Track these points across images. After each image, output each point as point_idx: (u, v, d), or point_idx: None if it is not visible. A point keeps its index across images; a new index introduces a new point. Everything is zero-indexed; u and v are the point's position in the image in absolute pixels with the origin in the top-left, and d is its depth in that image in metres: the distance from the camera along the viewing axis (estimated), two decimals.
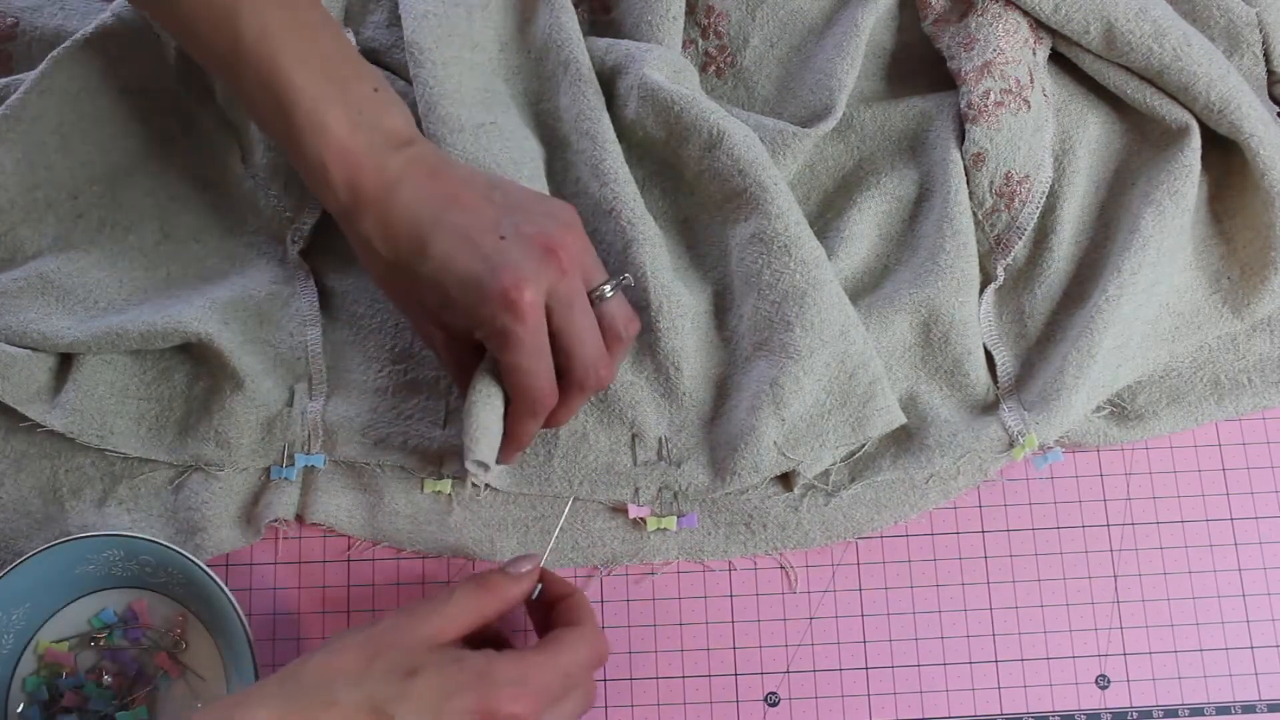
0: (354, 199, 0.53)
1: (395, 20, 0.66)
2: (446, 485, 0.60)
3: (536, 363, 0.53)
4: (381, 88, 0.55)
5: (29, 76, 0.61)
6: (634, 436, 0.60)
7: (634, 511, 0.59)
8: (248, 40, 0.52)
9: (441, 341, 0.56)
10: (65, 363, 0.60)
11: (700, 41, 0.67)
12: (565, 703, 0.50)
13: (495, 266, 0.51)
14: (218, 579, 0.55)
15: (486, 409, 0.54)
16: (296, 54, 0.53)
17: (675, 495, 0.59)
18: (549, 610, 0.54)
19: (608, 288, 0.55)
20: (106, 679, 0.57)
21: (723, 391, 0.60)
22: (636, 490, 0.59)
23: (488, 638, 0.53)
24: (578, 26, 0.64)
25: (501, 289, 0.51)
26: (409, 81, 0.63)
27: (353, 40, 0.64)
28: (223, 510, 0.59)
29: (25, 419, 0.59)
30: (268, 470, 0.60)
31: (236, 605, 0.55)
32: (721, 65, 0.67)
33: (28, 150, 0.61)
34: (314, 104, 0.53)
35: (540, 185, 0.61)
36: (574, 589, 0.55)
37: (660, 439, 0.60)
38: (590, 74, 0.62)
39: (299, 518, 0.60)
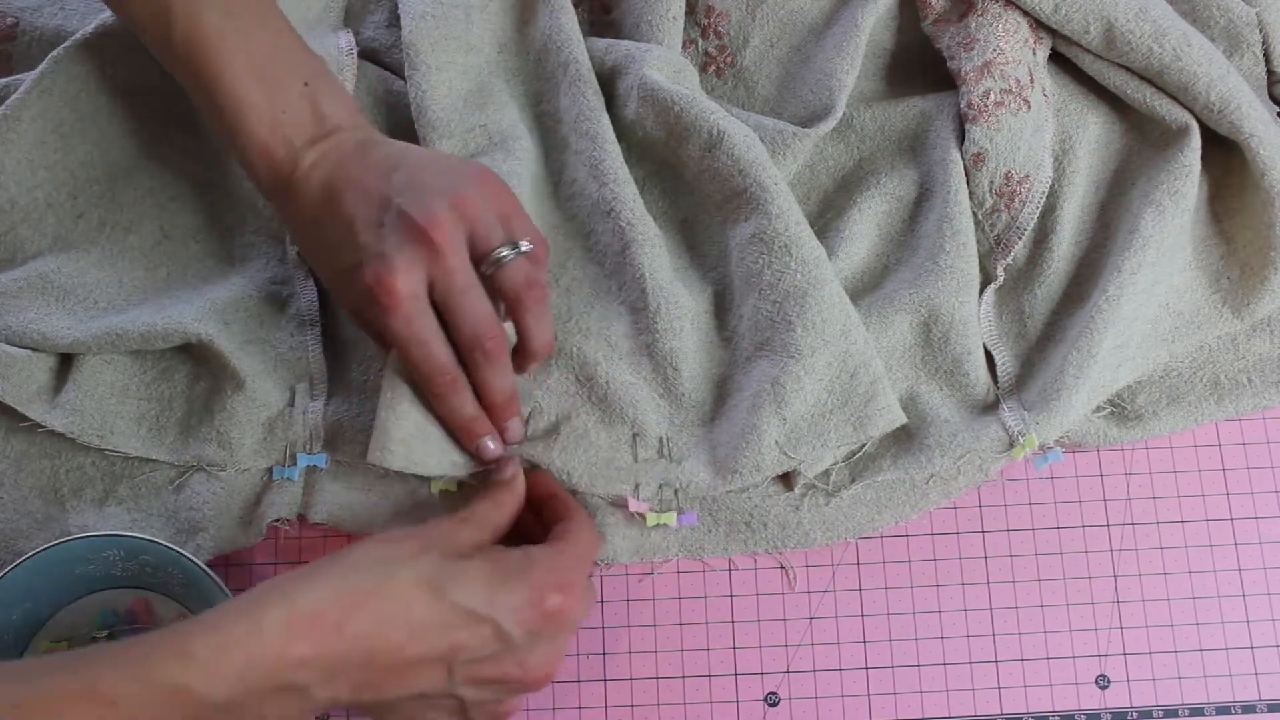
0: (273, 191, 0.55)
1: (395, 20, 0.66)
2: (454, 485, 0.60)
3: (419, 347, 0.53)
4: (314, 81, 0.56)
5: (29, 76, 0.61)
6: (635, 435, 0.60)
7: (633, 505, 0.59)
8: (177, 37, 0.54)
9: (370, 333, 0.57)
10: (65, 363, 0.60)
11: (700, 41, 0.67)
12: (589, 591, 0.52)
13: (364, 260, 0.52)
14: (218, 579, 0.55)
15: (388, 410, 0.55)
16: (225, 53, 0.54)
17: (676, 493, 0.59)
18: (541, 508, 0.57)
19: (505, 250, 0.53)
20: None
21: (723, 391, 0.60)
22: (637, 486, 0.59)
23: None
24: (577, 27, 0.64)
25: (366, 285, 0.51)
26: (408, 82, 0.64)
27: (346, 42, 0.64)
28: (224, 510, 0.59)
29: (25, 419, 0.59)
30: (269, 470, 0.60)
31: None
32: (721, 65, 0.67)
33: (28, 150, 0.61)
34: (239, 105, 0.54)
35: (530, 185, 0.61)
36: (557, 485, 0.58)
37: (661, 438, 0.60)
38: (590, 74, 0.62)
39: (301, 517, 0.60)
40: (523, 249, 0.54)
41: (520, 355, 0.56)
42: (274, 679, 0.44)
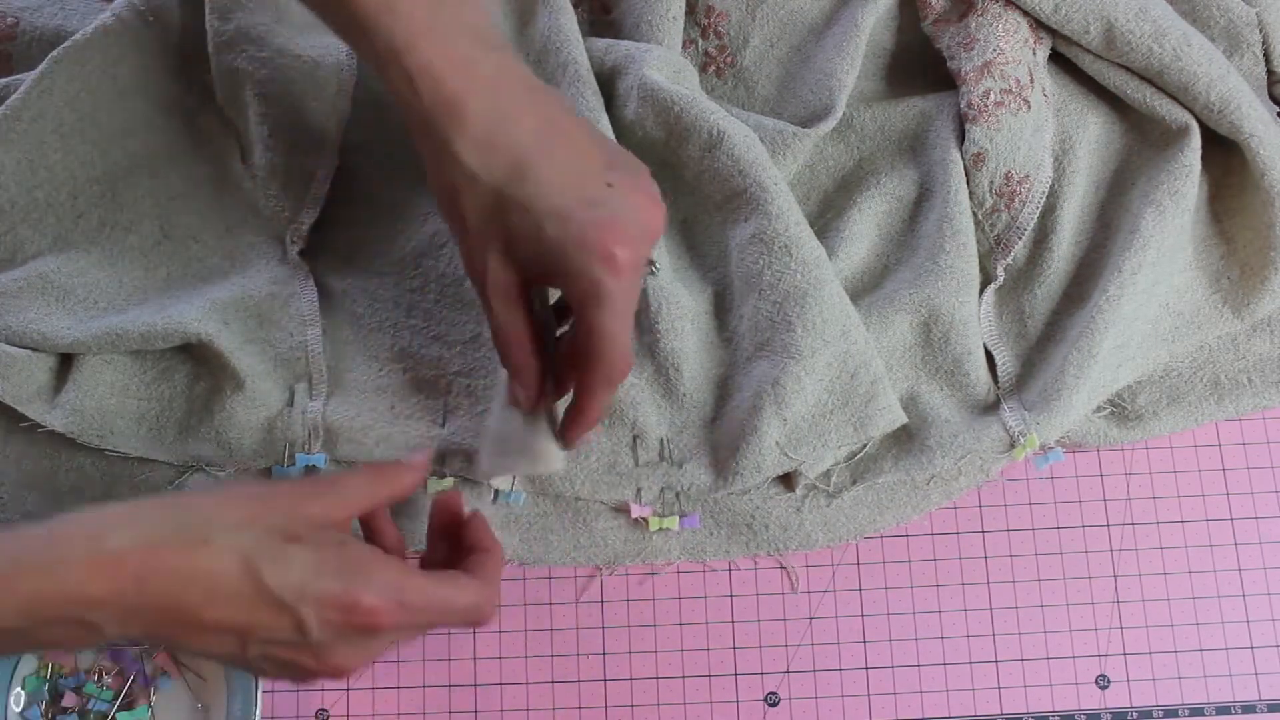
0: (439, 98, 0.47)
1: None
2: (449, 484, 0.60)
3: (622, 326, 0.48)
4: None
5: (29, 76, 0.61)
6: (635, 437, 0.60)
7: (636, 511, 0.59)
8: None
9: (494, 279, 0.50)
10: (65, 363, 0.60)
11: (700, 41, 0.67)
12: (418, 632, 0.49)
13: (600, 216, 0.46)
14: None
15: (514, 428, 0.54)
16: None
17: (677, 495, 0.59)
18: (458, 552, 0.52)
19: (653, 267, 0.53)
20: (106, 679, 0.57)
21: (724, 392, 0.60)
22: (639, 490, 0.59)
23: (388, 546, 0.52)
24: (576, 28, 0.64)
25: (603, 241, 0.46)
26: None
27: None
28: None
29: (25, 419, 0.59)
30: (269, 470, 0.60)
31: None
32: (721, 65, 0.67)
33: (28, 150, 0.61)
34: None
35: None
36: (496, 546, 0.52)
37: (662, 440, 0.60)
38: (589, 75, 0.62)
39: None
40: (656, 269, 0.54)
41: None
42: (64, 613, 0.42)
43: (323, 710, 0.59)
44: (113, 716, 0.57)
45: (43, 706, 0.57)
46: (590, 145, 0.49)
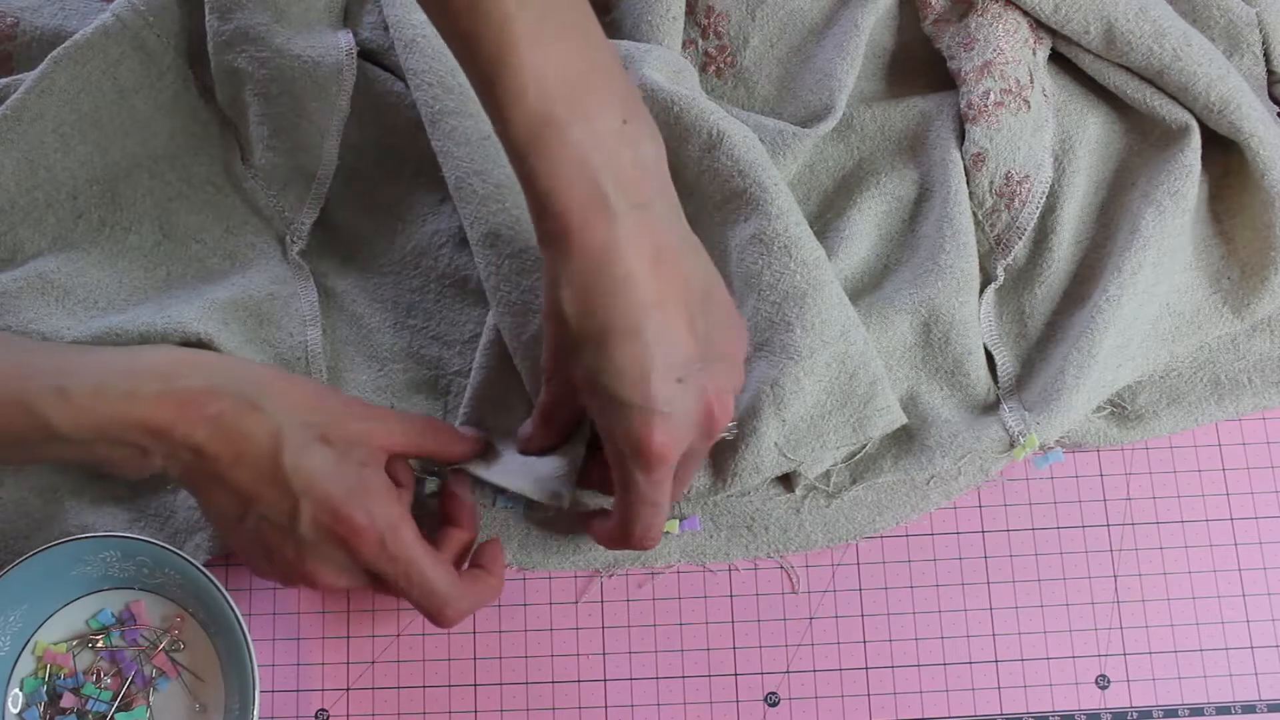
0: (562, 235, 0.47)
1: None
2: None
3: (647, 510, 0.50)
4: (632, 119, 0.48)
5: (28, 77, 0.61)
6: None
7: None
8: (491, 27, 0.46)
9: (556, 386, 0.52)
10: None
11: (700, 41, 0.67)
12: (385, 582, 0.52)
13: (653, 416, 0.47)
14: (215, 580, 0.55)
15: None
16: (535, 60, 0.46)
17: None
18: (462, 561, 0.56)
19: (726, 434, 0.55)
20: (105, 680, 0.57)
21: None
22: None
23: (460, 523, 0.56)
24: None
25: (646, 438, 0.47)
26: (407, 84, 0.64)
27: (346, 42, 0.64)
28: None
29: None
30: None
31: (234, 606, 0.55)
32: (721, 65, 0.67)
33: (27, 150, 0.61)
34: (543, 122, 0.46)
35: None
36: (498, 579, 0.56)
37: None
38: None
39: None
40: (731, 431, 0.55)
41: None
42: (128, 436, 0.49)
43: (323, 710, 0.59)
44: (111, 717, 0.57)
45: (41, 708, 0.57)
46: (684, 330, 0.48)
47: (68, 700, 0.57)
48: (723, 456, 0.58)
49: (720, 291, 0.51)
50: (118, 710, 0.57)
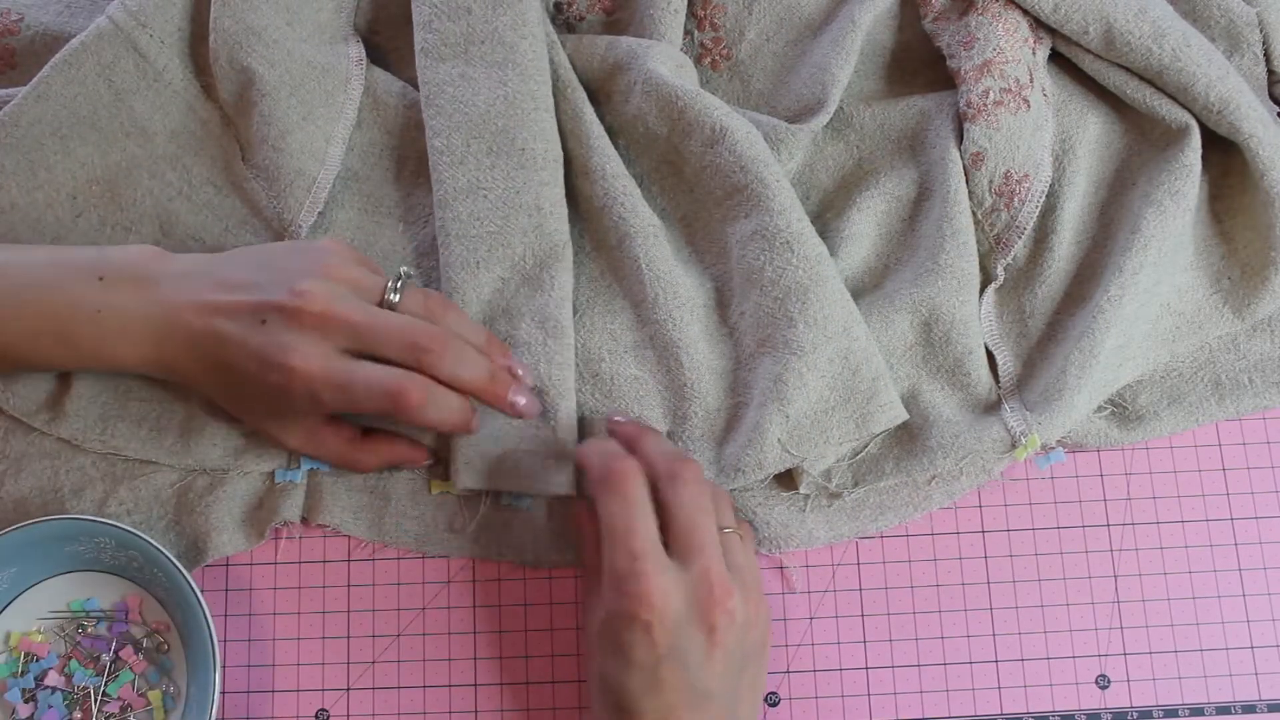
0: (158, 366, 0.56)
1: (385, 23, 0.67)
2: (453, 486, 0.60)
3: (373, 384, 0.53)
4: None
5: (29, 85, 0.61)
6: None
7: None
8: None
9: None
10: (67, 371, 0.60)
11: (696, 33, 0.67)
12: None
13: (268, 352, 0.53)
14: (195, 586, 0.55)
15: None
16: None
17: None
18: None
19: (392, 294, 0.55)
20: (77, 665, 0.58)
21: (726, 385, 0.60)
22: None
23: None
24: (552, 29, 0.64)
25: (275, 360, 0.53)
26: (408, 83, 0.64)
27: (356, 53, 0.65)
28: (225, 514, 0.59)
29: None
30: (271, 473, 0.60)
31: (209, 619, 0.55)
32: (717, 57, 0.67)
33: (27, 153, 0.61)
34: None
35: (556, 191, 0.61)
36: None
37: (667, 433, 0.60)
38: (569, 74, 0.63)
39: (304, 520, 0.60)
40: (409, 275, 0.57)
41: None
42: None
43: (323, 710, 0.59)
44: (102, 690, 0.57)
45: (25, 686, 0.57)
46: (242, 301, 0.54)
47: (52, 679, 0.57)
48: (726, 452, 0.58)
49: (260, 252, 0.58)
50: (106, 683, 0.58)
